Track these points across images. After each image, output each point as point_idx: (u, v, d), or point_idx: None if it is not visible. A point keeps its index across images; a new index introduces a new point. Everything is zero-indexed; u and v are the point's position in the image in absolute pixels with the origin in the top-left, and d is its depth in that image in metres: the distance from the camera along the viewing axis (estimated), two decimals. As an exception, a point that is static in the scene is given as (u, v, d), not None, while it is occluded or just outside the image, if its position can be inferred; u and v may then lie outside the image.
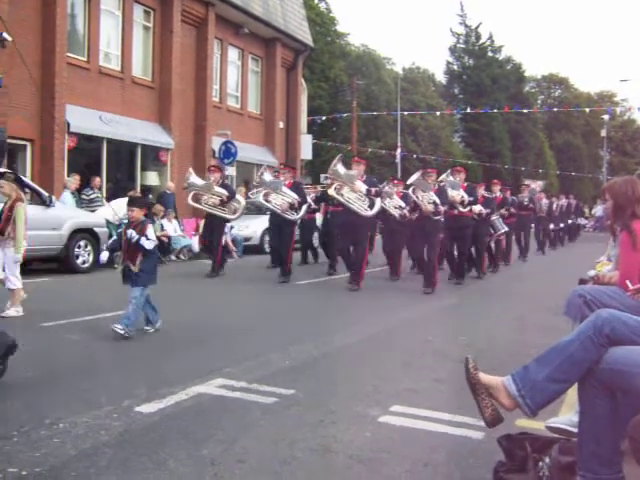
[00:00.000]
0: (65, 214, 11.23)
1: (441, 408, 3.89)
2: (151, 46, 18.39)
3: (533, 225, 18.20)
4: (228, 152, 18.31)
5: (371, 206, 9.61)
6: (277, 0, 22.76)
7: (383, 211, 10.65)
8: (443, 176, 10.78)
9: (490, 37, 49.65)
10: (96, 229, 11.60)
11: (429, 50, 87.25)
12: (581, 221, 28.27)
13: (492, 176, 17.90)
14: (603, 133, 49.32)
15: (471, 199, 10.60)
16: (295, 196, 10.53)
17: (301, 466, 3.05)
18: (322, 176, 25.63)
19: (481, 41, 49.51)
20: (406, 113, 37.38)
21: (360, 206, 9.52)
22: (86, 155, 16.40)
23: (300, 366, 5.04)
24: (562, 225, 21.07)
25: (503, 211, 13.25)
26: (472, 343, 6.01)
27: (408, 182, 9.96)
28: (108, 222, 12.16)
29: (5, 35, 13.34)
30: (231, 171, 19.08)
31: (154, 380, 4.44)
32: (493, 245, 13.35)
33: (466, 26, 49.45)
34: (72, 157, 15.45)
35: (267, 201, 10.53)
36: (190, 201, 11.24)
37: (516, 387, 2.60)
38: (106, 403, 3.89)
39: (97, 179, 13.97)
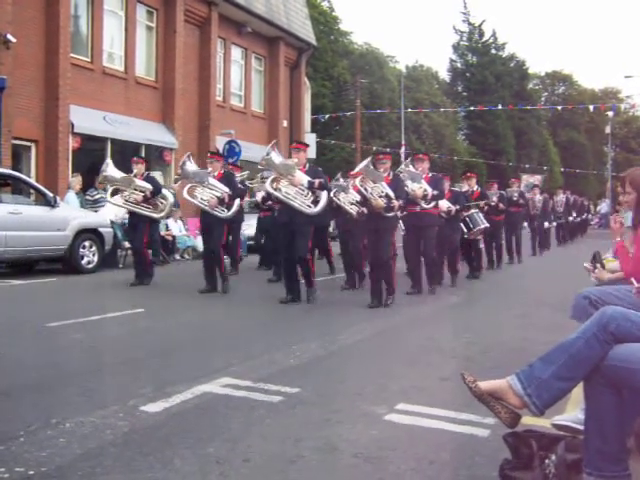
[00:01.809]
0: (70, 214, 11.26)
1: (447, 406, 3.88)
2: (154, 46, 18.43)
3: (526, 224, 16.87)
4: (232, 151, 18.34)
5: (316, 202, 7.96)
6: (280, -1, 22.77)
7: (338, 208, 9.30)
8: (402, 166, 9.25)
9: (493, 34, 49.69)
10: (101, 229, 11.62)
11: (432, 48, 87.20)
12: (588, 217, 28.00)
13: (496, 173, 17.00)
14: (607, 130, 49.18)
15: (435, 193, 8.87)
16: (225, 189, 8.90)
17: (307, 465, 3.05)
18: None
19: (484, 38, 49.49)
20: (410, 111, 37.36)
21: (302, 202, 7.90)
22: (90, 155, 16.44)
23: (305, 365, 5.04)
24: (555, 223, 19.60)
25: (482, 204, 11.60)
26: (476, 341, 6.00)
27: (354, 171, 8.31)
28: (112, 222, 12.19)
29: (9, 36, 13.39)
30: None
31: (159, 379, 4.45)
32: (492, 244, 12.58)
33: (469, 23, 49.46)
34: (76, 157, 15.49)
35: (192, 196, 8.89)
36: (109, 197, 9.88)
37: (522, 386, 2.59)
38: (112, 402, 3.90)
39: (101, 179, 13.96)
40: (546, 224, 17.80)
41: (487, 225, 11.30)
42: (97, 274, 11.08)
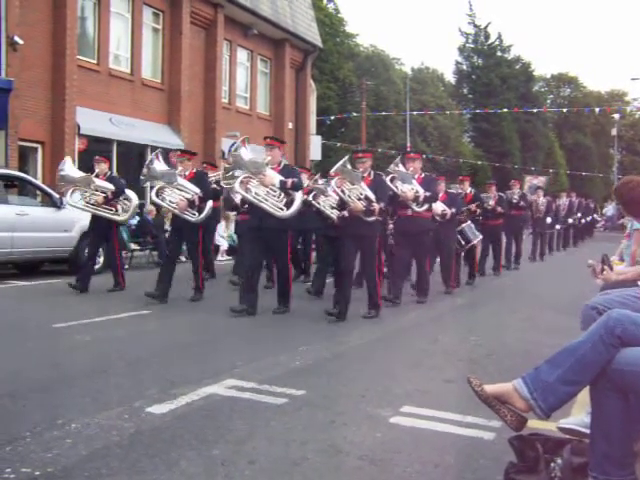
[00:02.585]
0: (75, 216, 11.27)
1: (452, 409, 3.88)
2: (160, 48, 18.47)
3: (531, 227, 16.31)
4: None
5: (289, 204, 7.27)
6: (286, 1, 22.79)
7: (319, 213, 8.71)
8: (392, 165, 8.36)
9: (499, 37, 49.54)
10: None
11: (438, 50, 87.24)
12: (595, 219, 27.75)
13: (502, 176, 16.68)
14: (614, 132, 49.04)
15: (428, 194, 8.13)
16: (196, 190, 8.17)
17: (312, 467, 3.05)
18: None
19: (490, 41, 49.36)
20: (415, 113, 37.35)
21: (273, 205, 7.17)
22: (96, 157, 16.48)
23: (310, 367, 5.04)
24: (558, 226, 18.96)
25: (473, 207, 10.94)
26: (481, 344, 5.99)
27: (332, 170, 7.49)
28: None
29: (16, 38, 13.46)
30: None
31: (165, 381, 4.46)
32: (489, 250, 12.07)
33: (475, 26, 49.34)
34: (82, 159, 15.54)
35: (161, 199, 8.14)
36: (68, 198, 9.11)
37: (528, 389, 2.59)
38: (117, 404, 3.91)
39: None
40: (558, 227, 17.74)
41: (480, 237, 10.87)
42: (102, 275, 11.10)
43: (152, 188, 8.08)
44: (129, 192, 9.51)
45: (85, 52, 15.98)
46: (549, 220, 16.78)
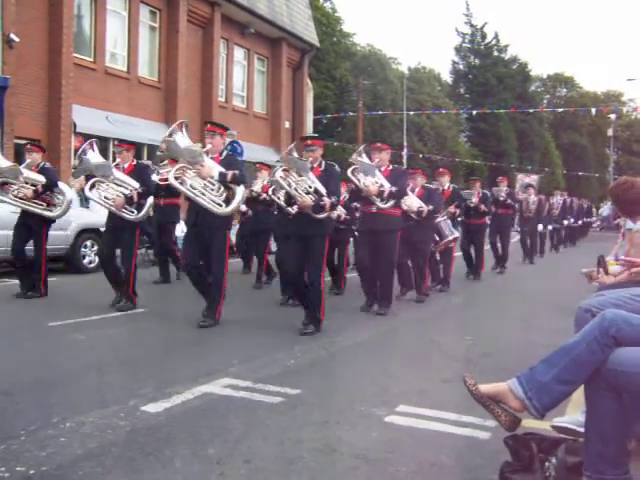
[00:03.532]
0: (71, 214, 11.24)
1: (447, 408, 3.88)
2: (157, 46, 18.46)
3: (519, 227, 15.43)
4: (235, 152, 18.32)
5: (229, 199, 6.48)
6: (283, 0, 22.79)
7: (280, 209, 7.90)
8: (354, 155, 7.44)
9: (496, 36, 49.67)
10: (102, 229, 11.61)
11: (435, 50, 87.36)
12: (591, 220, 27.60)
13: (498, 175, 16.19)
14: (610, 132, 49.16)
15: (394, 189, 7.21)
16: (135, 185, 7.37)
17: (307, 466, 3.05)
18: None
19: (487, 40, 49.48)
20: (412, 113, 37.36)
21: (211, 199, 6.38)
22: (93, 155, 16.45)
23: (306, 366, 5.05)
24: (551, 227, 18.35)
25: (452, 208, 9.84)
26: (477, 343, 6.00)
27: (279, 158, 6.68)
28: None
29: (12, 36, 13.43)
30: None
31: (160, 380, 4.46)
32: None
33: (472, 25, 49.44)
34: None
35: (96, 194, 7.34)
36: None
37: (522, 389, 2.60)
38: (113, 402, 3.90)
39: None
40: (540, 227, 16.07)
41: (457, 235, 9.85)
42: (98, 274, 11.08)
43: (87, 182, 7.35)
44: (63, 185, 8.72)
45: (81, 50, 15.95)
46: (540, 227, 16.05)
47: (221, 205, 6.40)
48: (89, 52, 16.27)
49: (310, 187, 6.28)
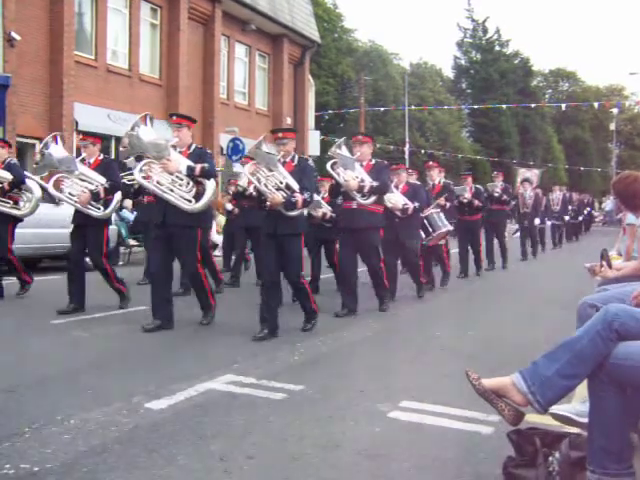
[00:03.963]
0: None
1: (450, 403, 3.88)
2: (158, 43, 18.45)
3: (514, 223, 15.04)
4: (236, 149, 18.30)
5: (198, 195, 6.11)
6: (284, -4, 22.76)
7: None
8: (333, 148, 7.09)
9: (497, 31, 49.50)
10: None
11: (436, 45, 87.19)
12: (593, 214, 27.45)
13: (500, 171, 15.76)
14: (612, 127, 49.03)
15: (375, 184, 6.86)
16: (101, 180, 6.94)
17: (310, 462, 3.05)
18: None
19: (488, 35, 49.32)
20: (414, 108, 37.32)
21: (179, 196, 6.02)
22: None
23: (309, 362, 5.05)
24: (550, 223, 17.96)
25: (441, 200, 9.42)
26: (480, 338, 6.00)
27: (247, 152, 5.80)
28: (116, 219, 12.20)
29: (13, 34, 13.43)
30: (239, 168, 19.10)
31: (163, 376, 4.46)
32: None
33: (473, 20, 49.26)
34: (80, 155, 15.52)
35: (59, 190, 6.94)
36: None
37: (526, 384, 2.60)
38: (116, 399, 3.91)
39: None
40: (537, 221, 15.50)
41: (450, 228, 9.37)
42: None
43: (51, 176, 6.94)
44: (30, 183, 8.11)
45: (83, 48, 15.95)
46: (537, 221, 15.54)
47: (191, 201, 6.05)
48: (90, 50, 16.27)
49: (281, 183, 5.91)
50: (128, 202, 12.95)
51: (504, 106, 39.77)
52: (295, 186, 5.93)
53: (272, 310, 5.92)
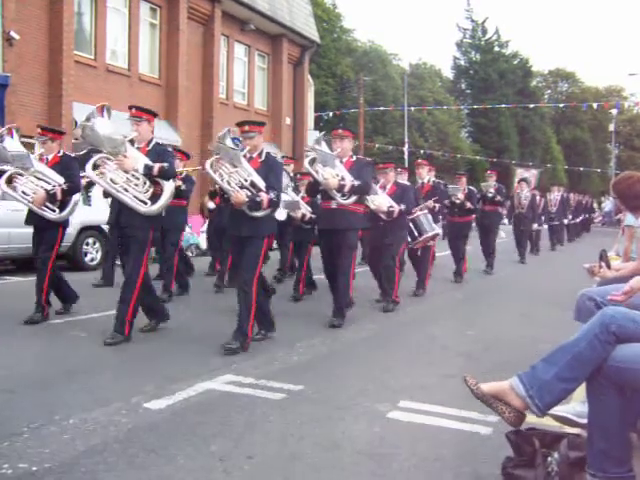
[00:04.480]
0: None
1: (450, 403, 3.88)
2: (158, 43, 18.43)
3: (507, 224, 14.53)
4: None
5: (155, 197, 5.62)
6: (283, -4, 22.76)
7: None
8: (311, 143, 6.23)
9: (497, 32, 49.47)
10: (104, 226, 11.63)
11: (436, 45, 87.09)
12: (592, 216, 27.42)
13: (499, 171, 15.46)
14: (611, 127, 49.03)
15: (356, 183, 6.38)
16: (58, 179, 6.43)
17: (310, 462, 3.06)
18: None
19: (488, 36, 49.31)
20: (413, 108, 37.30)
21: (134, 196, 5.55)
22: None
23: (308, 362, 5.05)
24: (547, 225, 17.63)
25: (430, 203, 8.87)
26: (479, 338, 6.00)
27: (209, 145, 5.20)
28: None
29: (13, 34, 13.42)
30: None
31: (162, 376, 4.46)
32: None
33: (472, 21, 49.24)
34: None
35: (12, 189, 6.36)
36: None
37: (524, 388, 2.60)
38: (115, 399, 3.91)
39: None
40: (535, 226, 15.02)
41: (438, 231, 8.82)
42: (100, 271, 11.09)
43: (2, 174, 6.41)
44: None
45: (82, 47, 15.93)
46: (535, 226, 15.11)
47: (146, 203, 5.55)
48: (89, 49, 16.25)
49: (246, 180, 5.43)
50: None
51: (503, 106, 39.80)
52: (261, 184, 5.45)
53: (239, 318, 5.50)
